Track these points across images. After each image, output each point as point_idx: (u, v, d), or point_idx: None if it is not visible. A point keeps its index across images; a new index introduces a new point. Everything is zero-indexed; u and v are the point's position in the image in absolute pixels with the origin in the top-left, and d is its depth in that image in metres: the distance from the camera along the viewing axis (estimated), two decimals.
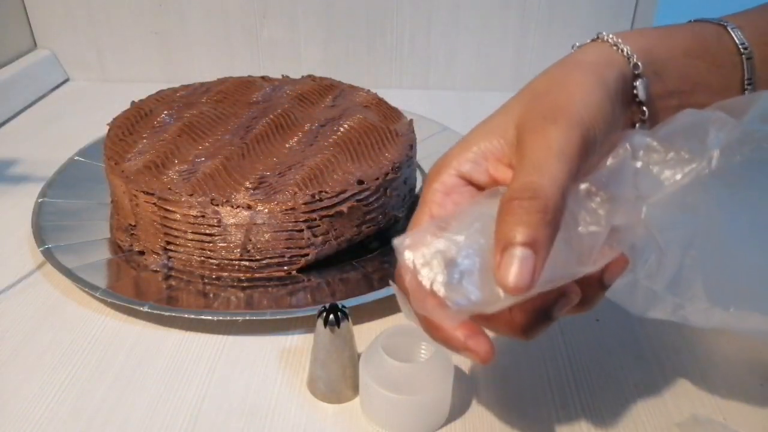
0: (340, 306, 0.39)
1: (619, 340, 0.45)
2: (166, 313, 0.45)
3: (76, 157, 0.65)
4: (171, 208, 0.48)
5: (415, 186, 0.59)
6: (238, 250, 0.49)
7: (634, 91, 0.32)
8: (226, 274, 0.49)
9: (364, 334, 0.44)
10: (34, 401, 0.40)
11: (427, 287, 0.28)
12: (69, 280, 0.48)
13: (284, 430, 0.38)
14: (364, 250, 0.53)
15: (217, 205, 0.48)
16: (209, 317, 0.45)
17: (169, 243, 0.50)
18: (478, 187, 0.31)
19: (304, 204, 0.48)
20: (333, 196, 0.49)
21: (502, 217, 0.27)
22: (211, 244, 0.49)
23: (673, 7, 0.89)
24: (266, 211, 0.48)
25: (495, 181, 0.31)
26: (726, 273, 0.32)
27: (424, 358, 0.39)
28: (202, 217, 0.48)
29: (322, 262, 0.51)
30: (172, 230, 0.49)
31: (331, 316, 0.38)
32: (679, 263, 0.31)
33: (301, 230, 0.49)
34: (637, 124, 0.33)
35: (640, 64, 0.32)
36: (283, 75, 0.70)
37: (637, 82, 0.32)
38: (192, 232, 0.49)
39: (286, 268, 0.50)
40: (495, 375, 0.42)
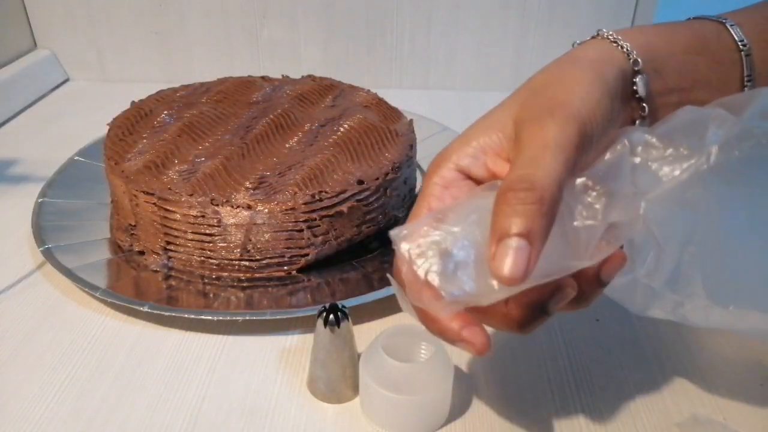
0: (340, 306, 0.39)
1: (619, 340, 0.45)
2: (166, 313, 0.45)
3: (76, 157, 0.65)
4: (171, 208, 0.48)
5: (415, 186, 0.59)
6: (238, 250, 0.49)
7: (634, 88, 0.32)
8: (226, 274, 0.50)
9: (364, 334, 0.44)
10: (34, 401, 0.40)
11: (422, 277, 0.28)
12: (69, 280, 0.48)
13: (284, 430, 0.38)
14: (364, 250, 0.53)
15: (217, 205, 0.48)
16: (209, 317, 0.45)
17: (169, 243, 0.50)
18: (477, 181, 0.31)
19: (304, 204, 0.48)
20: (333, 196, 0.49)
21: (498, 208, 0.27)
22: (211, 244, 0.49)
23: (673, 7, 0.89)
24: (266, 211, 0.48)
25: (494, 176, 0.31)
26: (725, 270, 0.32)
27: (424, 358, 0.39)
28: (202, 217, 0.48)
29: (322, 262, 0.51)
30: (172, 230, 0.49)
31: (331, 316, 0.38)
32: (678, 260, 0.31)
33: (301, 230, 0.49)
34: (637, 121, 0.33)
35: (640, 61, 0.32)
36: (283, 75, 0.70)
37: (636, 78, 0.32)
38: (192, 232, 0.49)
39: (286, 268, 0.50)
40: (495, 375, 0.42)
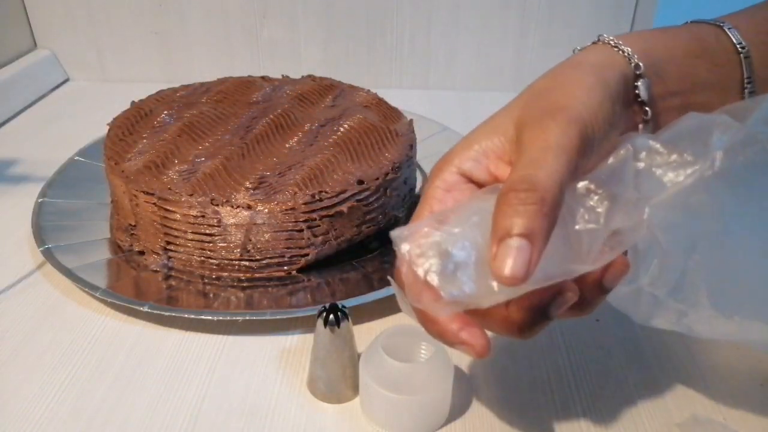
0: (340, 306, 0.39)
1: (619, 340, 0.45)
2: (166, 313, 0.45)
3: (76, 157, 0.65)
4: (171, 208, 0.48)
5: (415, 186, 0.59)
6: (238, 250, 0.49)
7: (636, 92, 0.32)
8: (226, 274, 0.49)
9: (364, 334, 0.44)
10: (34, 401, 0.40)
11: (422, 277, 0.28)
12: (69, 280, 0.48)
13: (284, 430, 0.38)
14: (364, 250, 0.53)
15: (217, 205, 0.48)
16: (209, 317, 0.45)
17: (169, 243, 0.50)
18: (479, 184, 0.31)
19: (304, 204, 0.48)
20: (333, 196, 0.49)
21: (499, 209, 0.27)
22: (211, 244, 0.49)
23: (673, 8, 0.89)
24: (266, 211, 0.48)
25: (496, 179, 0.31)
26: (730, 279, 0.31)
27: (424, 358, 0.39)
28: (202, 217, 0.48)
29: (322, 262, 0.51)
30: (172, 230, 0.49)
31: (331, 316, 0.38)
32: (683, 268, 0.31)
33: (301, 230, 0.49)
34: (641, 126, 0.33)
35: (642, 65, 0.32)
36: (283, 75, 0.70)
37: (638, 82, 0.32)
38: (192, 232, 0.49)
39: (286, 268, 0.50)
40: (495, 375, 0.42)
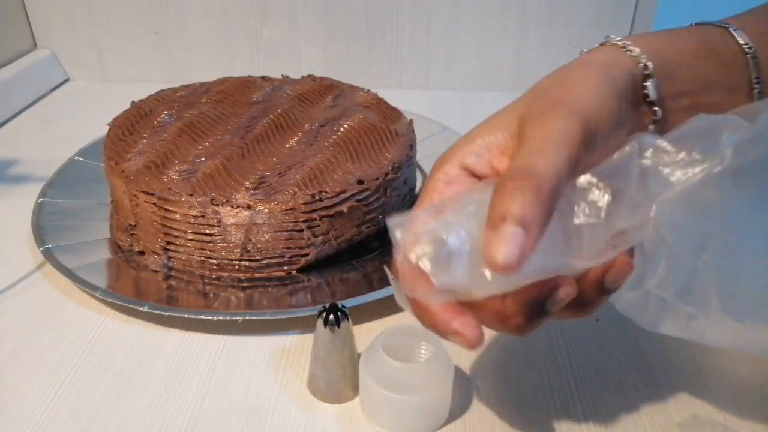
0: (340, 306, 0.39)
1: (619, 340, 0.45)
2: (166, 313, 0.45)
3: (76, 157, 0.64)
4: (171, 208, 0.48)
5: (415, 186, 0.59)
6: (238, 250, 0.49)
7: (645, 92, 0.32)
8: (226, 274, 0.49)
9: (364, 334, 0.44)
10: (34, 401, 0.40)
11: (414, 263, 0.27)
12: (69, 280, 0.48)
13: (284, 430, 0.38)
14: (364, 250, 0.53)
15: (217, 205, 0.48)
16: (209, 317, 0.45)
17: (169, 243, 0.50)
18: (481, 179, 0.31)
19: (304, 204, 0.48)
20: (333, 196, 0.49)
21: (495, 196, 0.27)
22: (211, 244, 0.49)
23: (673, 8, 0.89)
24: (266, 211, 0.48)
25: (498, 174, 0.31)
26: (741, 280, 0.31)
27: (424, 358, 0.39)
28: (202, 217, 0.48)
29: (322, 262, 0.51)
30: (172, 230, 0.49)
31: (331, 316, 0.38)
32: (691, 268, 0.30)
33: (301, 230, 0.49)
34: (651, 127, 0.33)
35: (651, 65, 0.32)
36: (283, 75, 0.70)
37: (647, 82, 0.32)
38: (192, 232, 0.49)
39: (286, 268, 0.50)
40: (495, 375, 0.42)
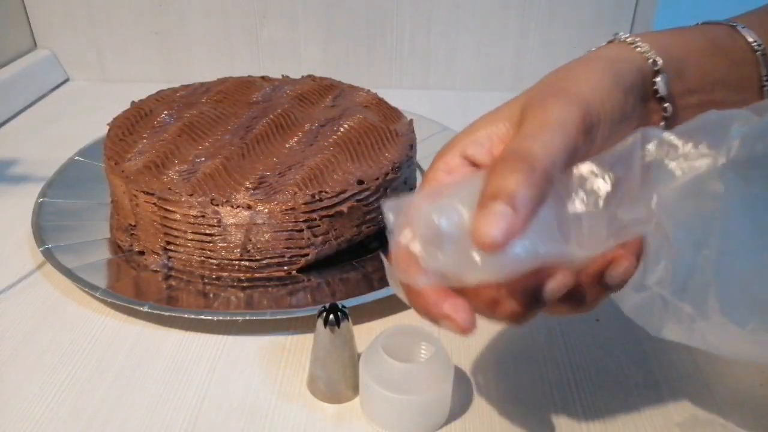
0: (340, 306, 0.39)
1: (620, 340, 0.45)
2: (166, 313, 0.45)
3: (76, 157, 0.64)
4: (171, 208, 0.48)
5: (415, 186, 0.59)
6: (238, 250, 0.49)
7: (654, 87, 0.32)
8: (226, 274, 0.49)
9: (364, 334, 0.44)
10: (34, 401, 0.40)
11: (404, 244, 0.27)
12: (69, 280, 0.48)
13: (284, 430, 0.38)
14: (364, 250, 0.53)
15: (217, 205, 0.48)
16: (209, 317, 0.45)
17: (169, 243, 0.50)
18: (482, 168, 0.31)
19: (304, 204, 0.48)
20: (333, 196, 0.49)
21: (488, 178, 0.27)
22: (211, 244, 0.49)
23: (673, 8, 0.89)
24: (266, 211, 0.48)
25: None
26: (741, 280, 0.30)
27: (424, 358, 0.39)
28: (202, 217, 0.48)
29: (322, 262, 0.51)
30: (172, 230, 0.49)
31: (331, 316, 0.38)
32: (692, 264, 0.29)
33: (301, 230, 0.49)
34: (661, 123, 0.33)
35: (660, 61, 0.32)
36: (283, 75, 0.70)
37: (657, 78, 0.32)
38: (192, 232, 0.49)
39: (286, 268, 0.50)
40: (495, 375, 0.42)
